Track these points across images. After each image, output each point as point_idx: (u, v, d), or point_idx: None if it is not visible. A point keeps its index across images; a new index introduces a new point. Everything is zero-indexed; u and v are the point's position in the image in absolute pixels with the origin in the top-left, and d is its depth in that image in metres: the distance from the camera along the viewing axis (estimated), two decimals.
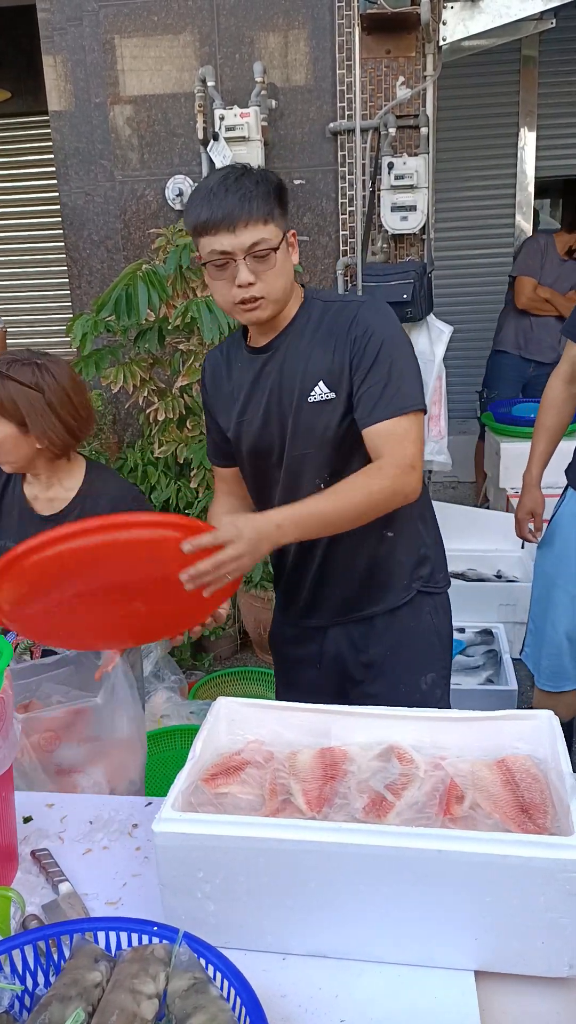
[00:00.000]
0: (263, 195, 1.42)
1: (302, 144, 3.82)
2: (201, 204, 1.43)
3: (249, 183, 1.42)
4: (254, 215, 1.41)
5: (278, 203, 1.45)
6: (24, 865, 1.27)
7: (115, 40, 3.85)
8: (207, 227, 1.43)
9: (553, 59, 5.41)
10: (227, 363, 1.65)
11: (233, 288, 1.46)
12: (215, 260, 1.44)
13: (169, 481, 3.54)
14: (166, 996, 0.90)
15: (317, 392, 1.53)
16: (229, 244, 1.42)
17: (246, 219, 1.40)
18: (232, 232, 1.41)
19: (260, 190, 1.42)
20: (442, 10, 3.57)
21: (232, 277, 1.45)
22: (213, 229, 1.42)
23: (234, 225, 1.40)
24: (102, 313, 3.15)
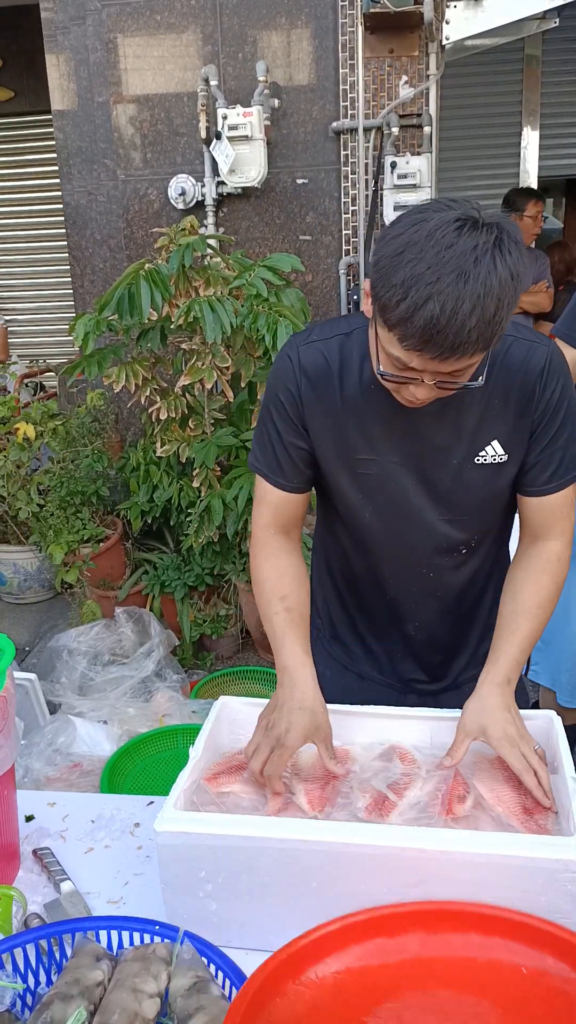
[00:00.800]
0: (499, 321, 1.01)
1: (305, 143, 3.82)
2: (422, 310, 0.98)
3: (490, 302, 0.99)
4: (481, 349, 1.04)
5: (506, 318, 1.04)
6: (26, 864, 1.27)
7: (118, 39, 3.85)
8: (415, 346, 1.02)
9: (556, 58, 5.40)
10: (339, 375, 1.26)
11: (401, 390, 1.13)
12: (394, 370, 1.09)
13: (171, 481, 3.55)
14: (168, 995, 0.90)
15: (489, 453, 1.25)
16: (422, 366, 1.06)
17: (462, 352, 1.02)
18: (438, 360, 1.03)
19: (502, 309, 1.01)
20: (445, 9, 3.57)
21: (403, 383, 1.11)
22: (415, 349, 1.03)
23: (446, 359, 1.03)
24: (105, 312, 3.15)
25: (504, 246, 1.00)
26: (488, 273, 0.98)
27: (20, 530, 3.94)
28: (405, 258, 1.00)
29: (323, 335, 1.28)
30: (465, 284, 0.97)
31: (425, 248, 0.99)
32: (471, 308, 0.97)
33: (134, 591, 3.66)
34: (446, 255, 0.98)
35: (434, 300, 0.97)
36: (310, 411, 1.27)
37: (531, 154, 5.59)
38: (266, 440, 1.32)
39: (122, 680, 3.12)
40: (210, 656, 3.64)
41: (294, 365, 1.27)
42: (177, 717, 2.85)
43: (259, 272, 3.09)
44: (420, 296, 0.98)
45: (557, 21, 3.90)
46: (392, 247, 1.02)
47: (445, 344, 1.00)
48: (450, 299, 0.97)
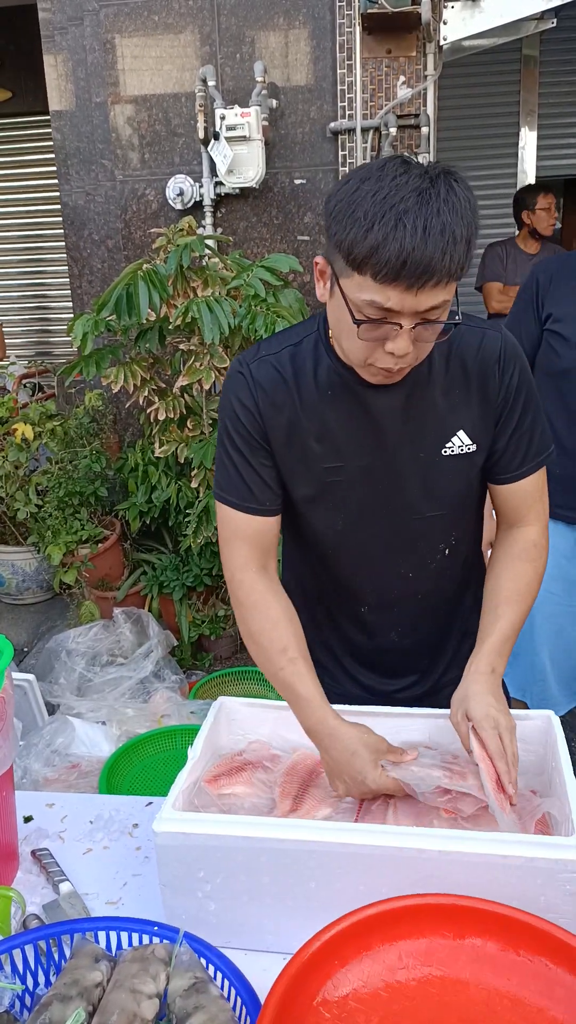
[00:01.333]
0: (467, 241, 1.00)
1: (303, 144, 3.82)
2: (381, 232, 0.97)
3: (451, 218, 0.98)
4: (450, 274, 1.00)
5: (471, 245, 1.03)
6: (25, 865, 1.27)
7: (116, 40, 3.85)
8: (380, 271, 0.99)
9: (554, 59, 5.41)
10: (296, 383, 1.22)
11: (378, 351, 1.08)
12: (370, 315, 1.04)
13: (170, 481, 3.55)
14: (166, 996, 0.90)
15: (456, 443, 1.23)
16: (399, 304, 1.01)
17: (439, 278, 0.99)
18: (413, 291, 1.00)
19: (464, 232, 0.99)
20: (443, 10, 3.57)
21: (378, 339, 1.07)
22: (389, 278, 0.99)
23: (422, 283, 0.99)
24: (103, 313, 3.15)
25: (453, 174, 1.02)
26: (448, 192, 0.99)
27: (18, 531, 3.93)
28: (362, 192, 0.99)
29: (271, 349, 1.24)
30: (429, 203, 0.97)
31: (380, 180, 0.99)
32: (440, 227, 0.97)
33: (132, 592, 3.66)
34: (401, 180, 0.98)
35: (403, 221, 0.96)
36: (271, 426, 1.23)
37: (529, 154, 5.60)
38: (230, 467, 1.26)
39: (120, 681, 3.12)
40: (208, 657, 3.64)
41: (248, 381, 1.22)
42: (176, 718, 2.85)
43: (257, 272, 3.10)
44: (387, 221, 0.96)
45: (555, 22, 3.91)
46: (345, 190, 1.02)
47: (420, 266, 0.97)
48: (419, 218, 0.96)
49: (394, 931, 0.94)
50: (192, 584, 3.56)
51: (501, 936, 0.93)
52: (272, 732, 1.32)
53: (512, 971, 0.91)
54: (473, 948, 0.93)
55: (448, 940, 0.94)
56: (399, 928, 0.94)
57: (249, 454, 1.24)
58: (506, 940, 0.93)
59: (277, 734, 1.32)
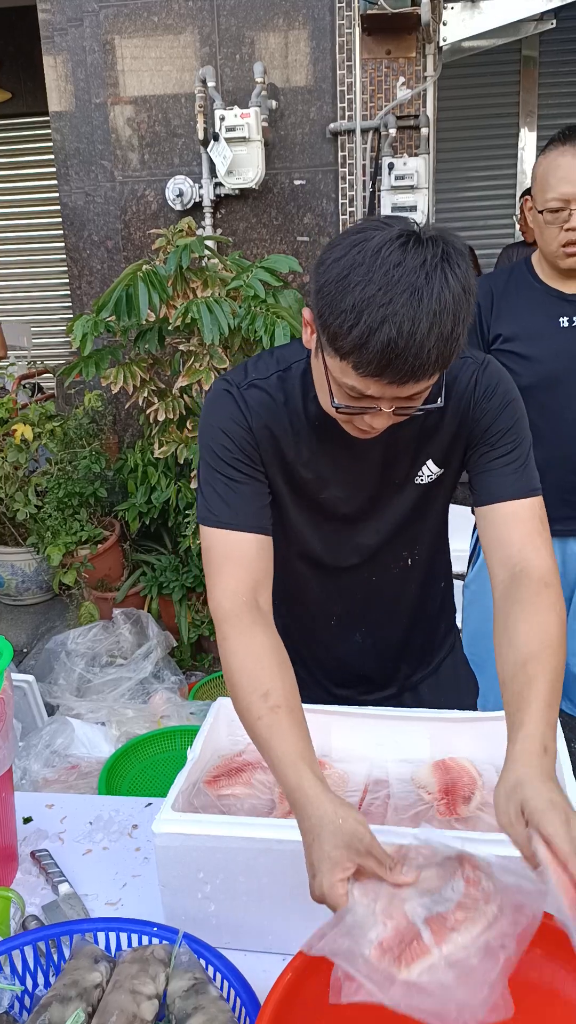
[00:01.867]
0: (456, 338, 0.96)
1: (302, 145, 3.82)
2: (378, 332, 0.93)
3: (447, 321, 0.94)
4: (440, 369, 0.98)
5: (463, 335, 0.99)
6: (24, 866, 1.27)
7: (115, 41, 3.85)
8: (372, 372, 0.96)
9: (553, 59, 5.42)
10: (287, 412, 1.21)
11: (355, 421, 1.07)
12: (349, 402, 1.04)
13: (169, 482, 3.54)
14: (166, 997, 0.90)
15: (426, 472, 1.24)
16: (380, 393, 1.00)
17: (421, 376, 0.97)
18: (395, 387, 0.98)
19: (455, 331, 0.96)
20: (442, 11, 3.58)
21: (360, 414, 1.05)
22: (372, 376, 0.97)
23: (405, 383, 0.97)
24: (102, 313, 3.15)
25: (452, 259, 0.95)
26: (441, 288, 0.93)
27: (18, 531, 3.93)
28: (351, 281, 0.94)
29: (260, 374, 1.21)
30: (420, 303, 0.92)
31: (372, 268, 0.93)
32: (428, 327, 0.92)
33: (132, 592, 3.66)
34: (395, 273, 0.92)
35: (389, 323, 0.92)
36: (264, 449, 1.20)
37: (528, 155, 5.60)
38: (219, 488, 1.19)
39: (120, 681, 3.12)
40: (208, 657, 3.64)
41: (239, 403, 1.19)
42: (175, 718, 2.85)
43: (257, 273, 3.10)
44: (374, 320, 0.92)
45: (554, 23, 3.92)
46: (335, 271, 0.96)
47: (405, 368, 0.94)
48: (407, 320, 0.92)
49: None
50: (191, 585, 3.55)
51: None
52: None
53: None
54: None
55: None
56: None
57: (246, 471, 1.20)
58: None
59: None
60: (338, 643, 1.41)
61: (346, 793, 1.22)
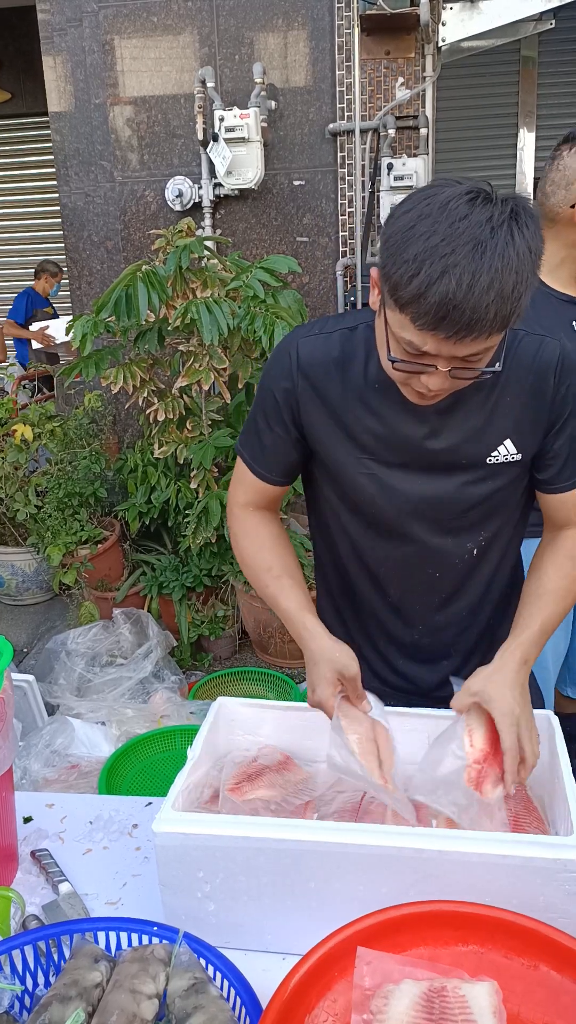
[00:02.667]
0: (517, 297, 0.95)
1: (302, 145, 3.82)
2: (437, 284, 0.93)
3: (508, 279, 0.93)
4: (498, 327, 0.97)
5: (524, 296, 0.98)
6: (24, 865, 1.27)
7: (115, 41, 3.86)
8: (422, 318, 0.96)
9: (552, 60, 5.41)
10: (343, 370, 1.20)
11: (412, 379, 1.06)
12: (405, 355, 1.03)
13: (169, 482, 3.55)
14: (166, 996, 0.90)
15: (502, 452, 1.20)
16: (437, 349, 0.99)
17: (478, 333, 0.96)
18: (452, 341, 0.97)
19: (517, 289, 0.95)
20: (441, 11, 3.58)
21: (417, 371, 1.04)
22: (430, 326, 0.96)
23: (464, 336, 0.96)
24: (102, 314, 3.15)
25: (520, 219, 0.94)
26: (506, 245, 0.92)
27: (18, 532, 3.93)
28: (417, 231, 0.94)
29: (326, 328, 1.22)
30: (482, 256, 0.92)
31: (438, 220, 0.93)
32: (488, 282, 0.92)
33: (132, 592, 3.66)
34: (460, 226, 0.92)
35: (449, 274, 0.92)
36: (307, 410, 1.22)
37: (527, 155, 5.60)
38: (254, 429, 1.30)
39: (120, 681, 3.12)
40: (208, 657, 3.64)
41: (292, 362, 1.22)
42: (175, 718, 2.85)
43: (256, 274, 3.10)
44: (434, 270, 0.92)
45: (553, 23, 3.92)
46: (403, 222, 0.97)
47: (461, 321, 0.94)
48: (466, 272, 0.91)
49: (395, 939, 0.94)
50: (191, 585, 3.56)
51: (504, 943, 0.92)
52: (272, 732, 1.32)
53: (517, 981, 0.90)
54: (476, 956, 0.92)
55: (452, 948, 0.93)
56: (400, 937, 0.94)
57: (274, 427, 1.26)
58: (509, 947, 0.92)
59: (277, 735, 1.32)
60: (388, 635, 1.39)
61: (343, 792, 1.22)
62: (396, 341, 1.03)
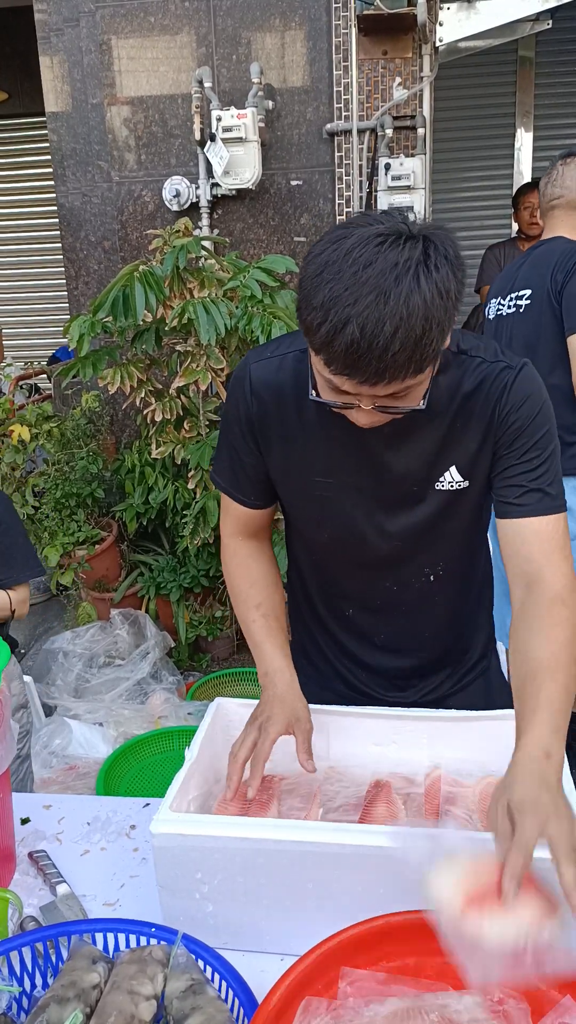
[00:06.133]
0: (428, 342, 0.94)
1: (299, 145, 3.82)
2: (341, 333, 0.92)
3: (416, 324, 0.92)
4: (407, 373, 0.96)
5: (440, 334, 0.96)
6: (22, 867, 1.27)
7: (112, 41, 3.85)
8: (339, 370, 0.96)
9: (549, 60, 5.42)
10: (295, 393, 1.19)
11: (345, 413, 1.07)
12: (329, 397, 1.04)
13: (167, 482, 3.54)
14: (164, 997, 0.90)
15: (448, 478, 1.19)
16: (355, 390, 0.99)
17: (391, 378, 0.95)
18: (369, 386, 0.97)
19: (426, 332, 0.93)
20: (439, 11, 3.58)
21: (341, 409, 1.06)
22: (344, 374, 0.96)
23: (374, 384, 0.97)
24: (99, 314, 3.15)
25: (431, 261, 0.92)
26: (410, 292, 0.91)
27: None
28: (324, 279, 0.94)
29: (279, 351, 1.22)
30: (385, 304, 0.90)
31: (343, 268, 0.92)
32: (393, 330, 0.90)
33: (130, 593, 3.66)
34: (364, 275, 0.91)
35: (352, 323, 0.91)
36: (264, 433, 1.23)
37: (525, 155, 5.61)
38: (225, 456, 1.31)
39: (118, 682, 3.12)
40: (206, 658, 3.64)
41: (246, 387, 1.22)
42: (173, 719, 2.85)
43: (253, 274, 3.10)
44: (339, 319, 0.92)
45: (550, 23, 3.92)
46: (313, 267, 0.96)
47: (370, 369, 0.93)
48: (369, 321, 0.90)
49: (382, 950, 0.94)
50: (189, 585, 3.55)
51: None
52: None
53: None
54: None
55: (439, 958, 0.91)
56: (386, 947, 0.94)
57: (241, 450, 1.27)
58: None
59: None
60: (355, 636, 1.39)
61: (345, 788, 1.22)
62: (322, 379, 1.03)
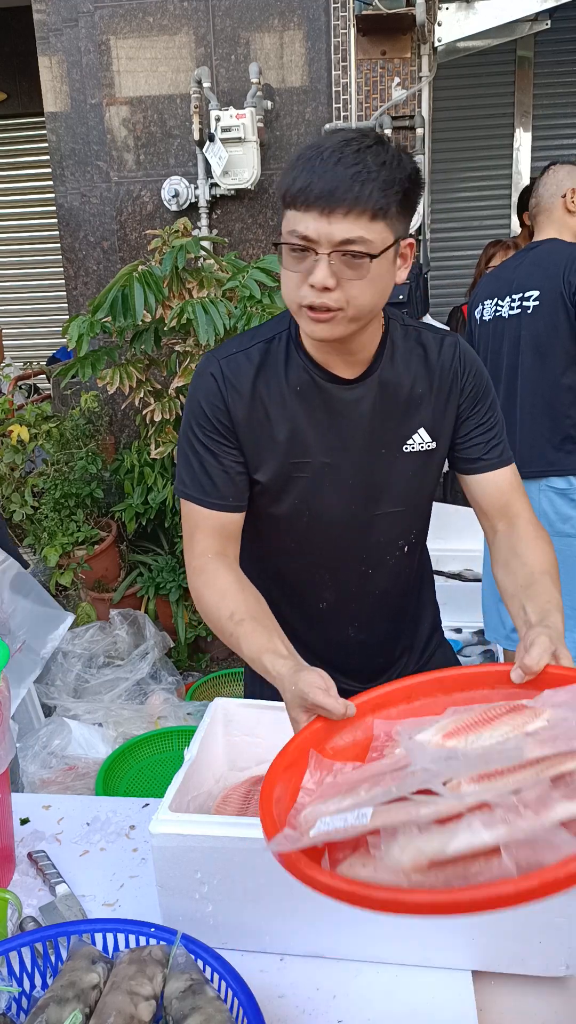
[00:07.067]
0: (384, 181, 1.08)
1: (298, 145, 3.82)
2: (301, 168, 1.10)
3: (372, 160, 1.08)
4: (361, 204, 1.08)
5: (402, 198, 1.11)
6: (21, 867, 1.27)
7: (111, 41, 3.85)
8: (297, 198, 1.10)
9: (548, 60, 5.41)
10: (266, 380, 1.27)
11: (304, 286, 1.13)
12: (292, 243, 1.12)
13: (166, 483, 3.54)
14: (163, 997, 0.90)
15: (416, 440, 1.30)
16: (315, 231, 1.09)
17: (349, 206, 1.08)
18: (326, 217, 1.09)
19: (383, 175, 1.08)
20: (437, 11, 3.58)
21: (307, 271, 1.12)
22: (303, 204, 1.09)
23: (332, 208, 1.08)
24: (98, 314, 3.15)
25: (383, 141, 1.12)
26: (375, 145, 1.10)
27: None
28: (300, 159, 1.12)
29: (243, 345, 1.29)
30: (348, 146, 1.09)
31: (320, 139, 1.13)
32: (353, 161, 1.08)
33: (129, 593, 3.66)
34: (337, 137, 1.12)
35: (319, 156, 1.09)
36: (239, 420, 1.26)
37: (524, 155, 5.61)
38: (195, 463, 1.28)
39: (117, 682, 3.12)
40: (205, 658, 3.64)
41: (219, 381, 1.26)
42: (172, 719, 2.85)
43: (252, 274, 3.10)
44: (309, 159, 1.10)
45: (549, 23, 3.92)
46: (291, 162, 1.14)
47: (327, 191, 1.07)
48: (335, 154, 1.09)
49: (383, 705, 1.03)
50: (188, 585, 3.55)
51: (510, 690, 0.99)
52: (269, 733, 1.32)
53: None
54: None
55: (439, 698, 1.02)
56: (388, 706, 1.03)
57: (216, 450, 1.27)
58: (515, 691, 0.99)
59: (274, 735, 1.31)
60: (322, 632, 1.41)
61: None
62: (287, 245, 1.14)
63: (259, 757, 1.31)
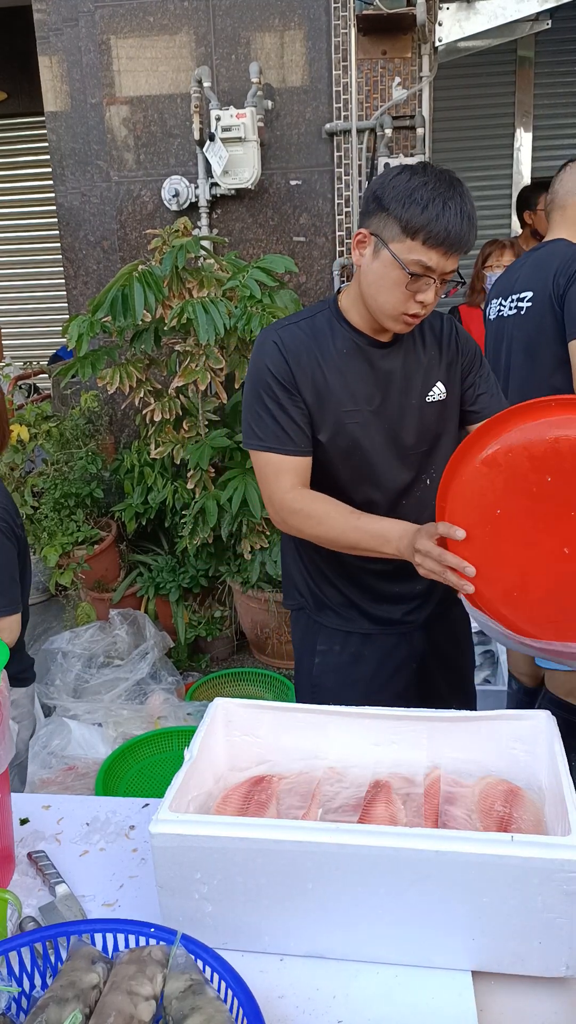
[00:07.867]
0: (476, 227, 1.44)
1: (298, 145, 3.82)
2: (443, 213, 1.37)
3: (474, 212, 1.41)
4: (470, 248, 1.43)
5: None
6: (21, 867, 1.27)
7: (111, 41, 3.85)
8: (438, 241, 1.38)
9: (549, 60, 5.41)
10: (317, 346, 1.55)
11: (410, 301, 1.44)
12: (415, 271, 1.41)
13: (166, 482, 3.54)
14: (163, 998, 0.90)
15: (435, 392, 1.61)
16: (436, 263, 1.40)
17: (463, 250, 1.41)
18: (446, 256, 1.40)
19: (475, 220, 1.42)
20: (438, 11, 3.58)
21: (416, 291, 1.43)
22: (433, 243, 1.38)
23: (455, 252, 1.40)
24: (98, 314, 3.15)
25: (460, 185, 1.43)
26: (464, 189, 1.41)
27: None
28: (415, 183, 1.38)
29: (293, 320, 1.59)
30: (461, 196, 1.39)
31: (427, 177, 1.39)
32: (469, 214, 1.39)
33: (129, 593, 3.66)
34: (442, 179, 1.39)
35: (448, 207, 1.36)
36: (300, 378, 1.52)
37: (524, 155, 5.61)
38: (265, 417, 1.54)
39: (117, 682, 3.12)
40: (205, 658, 3.64)
41: (280, 346, 1.54)
42: (172, 719, 2.85)
43: (252, 273, 3.10)
44: (438, 205, 1.36)
45: (549, 23, 3.92)
46: (399, 181, 1.40)
47: (458, 240, 1.38)
48: (457, 205, 1.37)
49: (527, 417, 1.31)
50: (188, 585, 3.55)
51: None
52: (269, 733, 1.32)
53: None
54: None
55: None
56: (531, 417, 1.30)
57: (287, 403, 1.53)
58: None
59: (274, 735, 1.31)
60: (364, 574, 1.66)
61: (345, 789, 1.22)
62: (405, 263, 1.40)
63: (259, 757, 1.31)
